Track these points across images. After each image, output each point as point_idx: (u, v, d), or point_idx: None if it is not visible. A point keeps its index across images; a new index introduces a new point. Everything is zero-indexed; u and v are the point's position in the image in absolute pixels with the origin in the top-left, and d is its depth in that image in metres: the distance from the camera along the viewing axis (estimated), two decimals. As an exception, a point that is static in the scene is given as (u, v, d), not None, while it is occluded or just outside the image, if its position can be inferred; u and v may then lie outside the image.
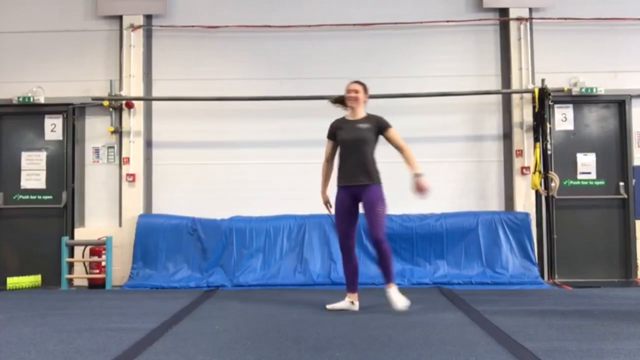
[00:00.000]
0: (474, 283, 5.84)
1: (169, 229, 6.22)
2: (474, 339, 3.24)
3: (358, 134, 4.25)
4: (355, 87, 4.38)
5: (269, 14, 6.63)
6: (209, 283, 5.89)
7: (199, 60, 6.68)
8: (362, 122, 4.32)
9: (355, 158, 4.23)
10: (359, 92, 4.36)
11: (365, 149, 4.25)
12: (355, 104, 4.35)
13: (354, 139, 4.25)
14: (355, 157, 4.24)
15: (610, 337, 3.27)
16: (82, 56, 6.67)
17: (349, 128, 4.31)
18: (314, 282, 5.88)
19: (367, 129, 4.28)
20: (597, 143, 6.58)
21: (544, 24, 6.55)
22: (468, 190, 6.55)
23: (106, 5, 6.63)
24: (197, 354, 2.98)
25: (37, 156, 6.69)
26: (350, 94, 4.35)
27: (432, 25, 6.59)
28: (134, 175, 6.48)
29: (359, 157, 4.23)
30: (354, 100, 4.34)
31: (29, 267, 6.42)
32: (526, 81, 6.46)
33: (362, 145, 4.24)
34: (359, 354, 2.93)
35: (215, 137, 6.64)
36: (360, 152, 4.24)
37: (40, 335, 3.48)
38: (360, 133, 4.25)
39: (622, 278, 6.39)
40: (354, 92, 4.35)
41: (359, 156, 4.23)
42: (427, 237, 6.10)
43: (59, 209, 6.60)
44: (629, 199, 6.43)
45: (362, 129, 4.27)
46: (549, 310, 4.14)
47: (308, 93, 6.40)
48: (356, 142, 4.24)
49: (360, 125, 4.29)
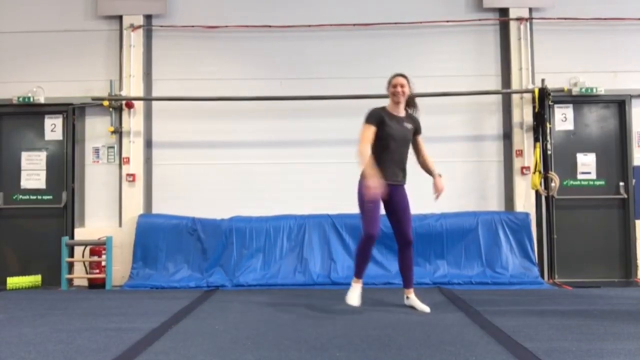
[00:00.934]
0: (474, 283, 5.84)
1: (169, 229, 6.22)
2: (474, 339, 3.24)
3: (406, 134, 4.19)
4: (401, 80, 4.20)
5: (269, 14, 6.63)
6: (209, 283, 5.89)
7: (199, 60, 6.68)
8: (406, 120, 4.24)
9: (399, 156, 4.18)
10: (405, 86, 4.19)
11: (407, 149, 4.25)
12: (403, 99, 4.19)
13: (402, 138, 4.17)
14: (398, 155, 4.18)
15: (610, 337, 3.27)
16: (82, 56, 6.66)
17: (395, 124, 4.17)
18: (314, 282, 5.88)
19: (410, 130, 4.23)
20: (597, 143, 6.58)
21: (544, 24, 6.55)
22: (468, 190, 6.55)
23: (106, 5, 6.63)
24: (197, 354, 2.98)
25: (37, 156, 6.70)
26: (397, 88, 4.17)
27: (432, 25, 6.59)
28: (134, 175, 6.48)
29: (402, 157, 4.20)
30: (401, 95, 4.17)
31: (29, 267, 6.43)
32: (526, 81, 6.46)
33: (406, 145, 4.22)
34: (359, 354, 2.94)
35: (216, 137, 6.64)
36: (403, 152, 4.21)
37: (40, 335, 3.48)
38: (406, 133, 4.20)
39: (622, 278, 6.39)
40: (401, 87, 4.17)
41: (402, 156, 4.20)
42: (427, 237, 6.10)
43: (59, 209, 6.60)
44: (629, 199, 6.43)
45: (408, 129, 4.21)
46: (549, 310, 4.14)
47: (308, 93, 6.41)
48: (403, 141, 4.18)
49: (406, 125, 4.22)
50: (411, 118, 4.30)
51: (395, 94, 4.17)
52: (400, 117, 4.22)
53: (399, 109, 4.22)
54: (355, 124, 6.46)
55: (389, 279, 5.88)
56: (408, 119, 4.26)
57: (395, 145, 4.14)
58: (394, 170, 4.16)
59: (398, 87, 4.16)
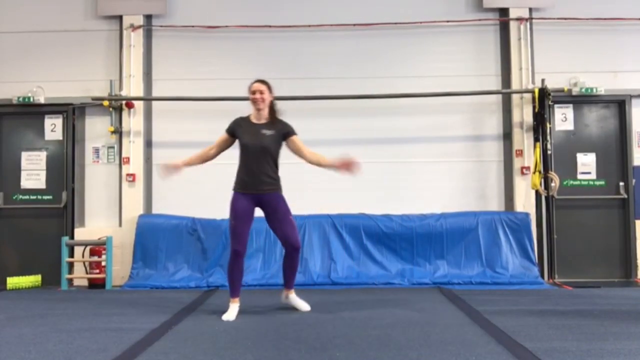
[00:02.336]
0: (474, 283, 5.84)
1: (169, 229, 6.22)
2: (474, 339, 3.24)
3: (261, 141, 4.03)
4: (259, 86, 4.09)
5: (269, 14, 6.63)
6: (209, 283, 5.89)
7: (199, 60, 6.68)
8: (266, 127, 4.09)
9: (258, 166, 4.05)
10: (264, 92, 4.09)
11: (269, 157, 4.07)
12: (262, 106, 4.08)
13: (258, 146, 4.03)
14: (257, 164, 4.05)
15: (610, 337, 3.27)
16: (82, 56, 6.66)
17: (252, 132, 4.07)
18: (313, 282, 5.88)
19: (270, 135, 4.06)
20: (597, 143, 6.58)
21: (544, 24, 6.55)
22: (468, 190, 6.55)
23: (106, 5, 6.63)
24: (197, 354, 2.98)
25: (37, 156, 6.70)
26: (255, 94, 4.06)
27: (432, 25, 6.58)
28: (134, 175, 6.48)
29: (262, 165, 4.05)
30: (260, 102, 4.07)
31: (29, 267, 6.41)
32: (526, 81, 6.45)
33: (265, 152, 4.04)
34: (359, 354, 2.94)
35: (216, 137, 6.55)
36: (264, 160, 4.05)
37: (40, 335, 3.48)
38: (264, 140, 4.04)
39: (622, 278, 6.39)
40: (259, 93, 4.07)
41: (262, 164, 4.05)
42: (427, 237, 6.10)
43: (59, 209, 6.60)
44: (629, 199, 6.43)
45: (266, 135, 4.05)
46: (549, 310, 4.14)
47: (308, 93, 6.40)
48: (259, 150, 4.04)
49: (264, 132, 4.06)
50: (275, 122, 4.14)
51: (254, 100, 4.09)
52: (259, 125, 4.10)
53: (260, 115, 4.13)
54: (356, 124, 6.55)
55: (389, 279, 5.89)
56: (269, 125, 4.11)
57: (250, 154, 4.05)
58: (257, 180, 4.07)
59: (257, 93, 4.08)
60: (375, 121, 6.53)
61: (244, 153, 4.12)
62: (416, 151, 6.55)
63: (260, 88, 4.09)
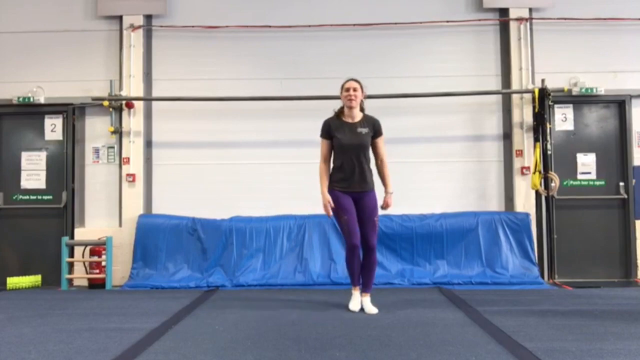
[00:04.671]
0: (474, 283, 5.84)
1: (169, 229, 6.22)
2: (474, 339, 3.24)
3: (359, 139, 4.10)
4: (353, 84, 4.15)
5: (269, 14, 6.63)
6: (209, 283, 5.89)
7: (199, 60, 6.68)
8: (360, 125, 4.15)
9: (355, 164, 4.11)
10: (358, 90, 4.15)
11: (366, 154, 4.14)
12: (355, 104, 4.15)
13: (355, 145, 4.09)
14: (355, 163, 4.11)
15: (610, 337, 3.27)
16: (82, 56, 6.67)
17: (347, 131, 4.13)
18: (314, 282, 5.88)
19: (366, 133, 4.13)
20: (597, 143, 6.58)
21: (544, 24, 6.55)
22: (468, 190, 6.55)
23: (106, 5, 6.64)
24: (197, 354, 2.98)
25: (37, 156, 6.70)
26: (349, 92, 4.13)
27: (432, 26, 6.59)
28: (134, 175, 6.48)
29: (359, 164, 4.12)
30: (353, 100, 4.13)
31: (29, 267, 6.43)
32: (526, 81, 6.46)
33: (362, 151, 4.11)
34: (359, 354, 2.94)
35: (216, 137, 6.64)
36: (360, 159, 4.11)
37: (40, 335, 3.48)
38: (360, 138, 4.11)
39: (622, 278, 6.39)
40: (353, 91, 4.12)
41: (359, 163, 4.11)
42: (427, 237, 6.11)
43: (59, 209, 6.60)
44: (629, 199, 6.43)
45: (362, 133, 4.12)
46: (549, 310, 4.14)
47: (308, 93, 6.41)
48: (357, 148, 4.10)
49: (360, 130, 4.13)
50: (367, 120, 4.21)
51: (347, 98, 4.13)
52: (353, 124, 4.16)
53: (353, 114, 4.18)
54: (355, 124, 6.53)
55: (389, 279, 5.89)
56: (363, 123, 4.17)
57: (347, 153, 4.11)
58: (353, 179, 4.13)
59: (350, 90, 4.12)
60: (375, 121, 6.53)
61: (341, 152, 4.14)
62: (416, 151, 6.55)
63: (354, 86, 4.14)
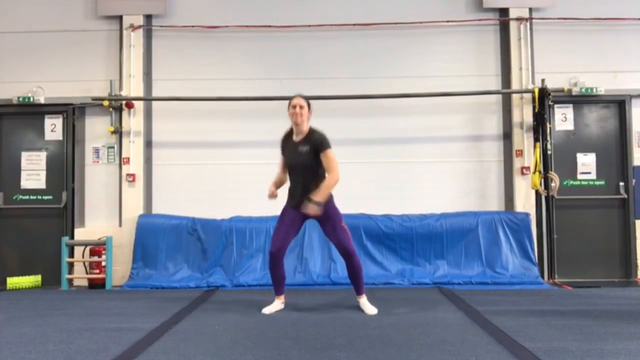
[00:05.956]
0: (474, 283, 5.84)
1: (169, 229, 6.22)
2: (474, 339, 3.25)
3: (298, 159, 4.03)
4: (300, 102, 4.05)
5: (269, 14, 6.63)
6: (209, 283, 5.89)
7: (199, 60, 6.68)
8: (302, 143, 4.04)
9: (299, 182, 4.07)
10: (304, 107, 4.05)
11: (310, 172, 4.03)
12: (300, 121, 4.04)
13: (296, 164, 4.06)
14: (298, 181, 4.08)
15: (610, 337, 3.27)
16: (82, 56, 6.66)
17: (291, 150, 4.09)
18: (314, 282, 5.88)
19: (306, 152, 4.00)
20: (597, 143, 6.58)
21: (544, 24, 6.55)
22: (468, 190, 6.55)
23: (106, 5, 6.63)
24: (197, 354, 2.98)
25: (37, 156, 6.70)
26: (295, 109, 4.03)
27: (433, 26, 6.59)
28: (134, 175, 6.48)
29: (303, 182, 4.05)
30: (298, 116, 4.03)
31: (29, 267, 6.42)
32: (526, 81, 6.46)
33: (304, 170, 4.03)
34: (359, 354, 2.94)
35: (216, 137, 6.64)
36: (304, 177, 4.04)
37: (40, 335, 3.48)
38: (300, 158, 4.02)
39: (622, 278, 6.39)
40: (299, 108, 4.02)
41: (303, 181, 4.04)
42: (427, 237, 6.10)
43: (59, 209, 6.60)
44: (629, 199, 6.43)
45: (302, 152, 4.01)
46: (549, 310, 4.14)
47: (308, 93, 6.34)
48: (298, 167, 4.06)
49: (300, 149, 4.03)
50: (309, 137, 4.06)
51: (293, 115, 4.06)
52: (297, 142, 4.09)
53: (299, 131, 4.10)
54: (355, 124, 6.54)
55: (389, 279, 5.89)
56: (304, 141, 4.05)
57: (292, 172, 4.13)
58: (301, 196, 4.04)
59: (296, 107, 4.03)
60: (375, 121, 6.53)
61: (289, 170, 4.20)
62: (416, 151, 6.55)
63: (300, 103, 4.06)
